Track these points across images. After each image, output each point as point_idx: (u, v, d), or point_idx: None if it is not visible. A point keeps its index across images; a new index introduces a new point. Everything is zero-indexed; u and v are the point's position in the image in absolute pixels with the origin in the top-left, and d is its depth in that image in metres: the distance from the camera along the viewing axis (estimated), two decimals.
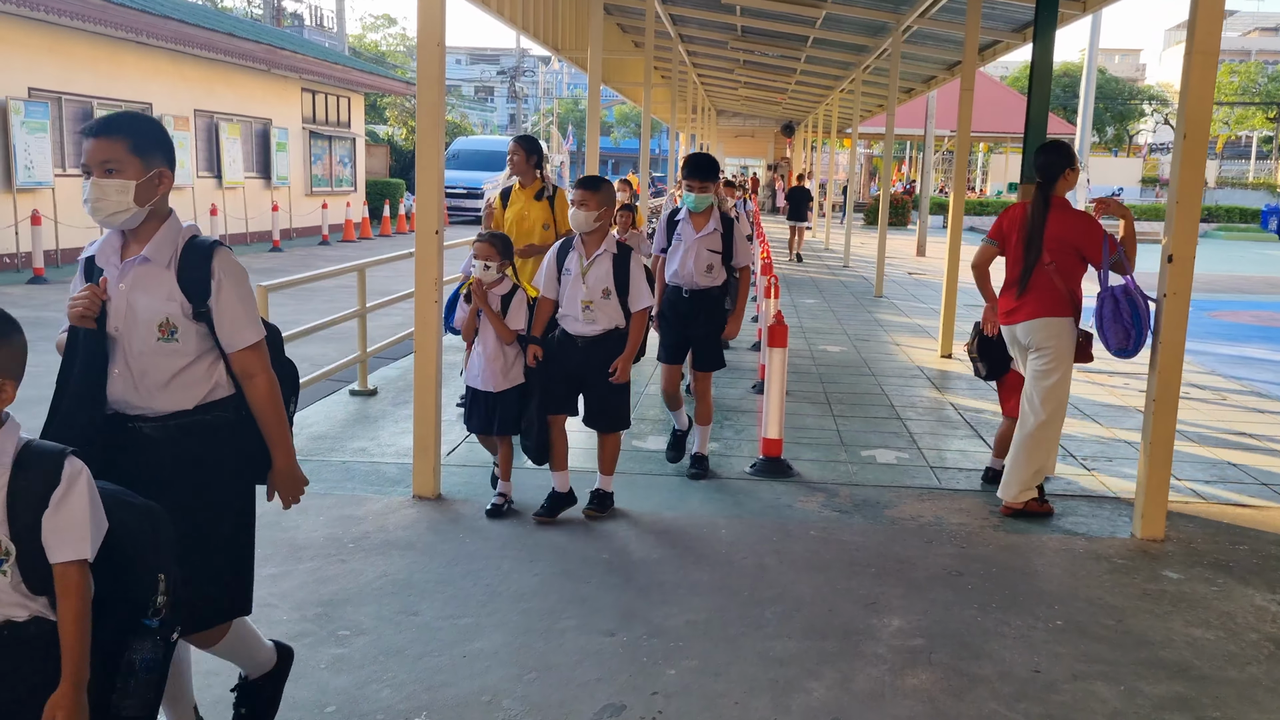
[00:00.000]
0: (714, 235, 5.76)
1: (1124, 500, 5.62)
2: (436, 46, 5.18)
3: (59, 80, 16.10)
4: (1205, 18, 4.57)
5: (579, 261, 4.94)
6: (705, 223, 5.75)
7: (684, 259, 5.74)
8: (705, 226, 5.74)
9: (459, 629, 3.85)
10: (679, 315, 5.83)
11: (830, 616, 4.04)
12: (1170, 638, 3.92)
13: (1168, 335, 4.83)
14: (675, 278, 5.80)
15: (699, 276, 5.72)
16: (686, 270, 5.72)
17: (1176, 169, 4.74)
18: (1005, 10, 12.55)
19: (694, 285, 5.74)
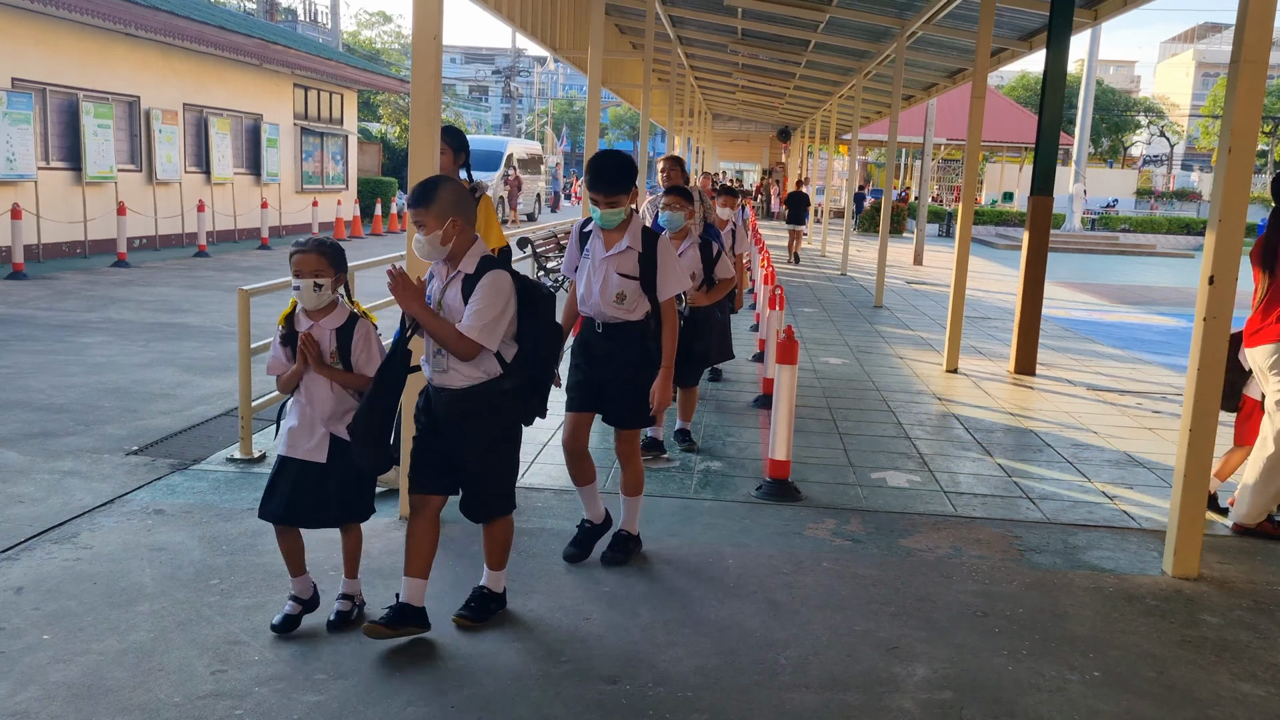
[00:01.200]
0: (627, 256, 4.38)
1: (1150, 532, 5.34)
2: (432, 40, 4.87)
3: (44, 71, 15.73)
4: (1255, 24, 4.29)
5: None
6: (618, 239, 4.40)
7: (589, 283, 4.44)
8: (617, 244, 4.40)
9: (447, 672, 3.53)
10: (590, 355, 4.53)
11: (850, 663, 3.74)
12: (1218, 694, 3.63)
13: (1206, 361, 4.54)
14: (584, 305, 4.54)
15: (607, 306, 4.39)
16: (592, 298, 4.43)
17: (1219, 184, 4.45)
18: (1012, 18, 12.32)
19: (604, 317, 4.44)
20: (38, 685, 3.31)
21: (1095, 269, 24.50)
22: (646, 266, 4.36)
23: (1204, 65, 75.54)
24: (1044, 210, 9.60)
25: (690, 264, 6.00)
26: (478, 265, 3.61)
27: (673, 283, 4.40)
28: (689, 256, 6.11)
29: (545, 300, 3.70)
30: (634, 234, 4.38)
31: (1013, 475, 6.31)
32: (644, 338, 4.43)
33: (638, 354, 4.42)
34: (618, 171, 4.27)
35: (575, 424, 4.52)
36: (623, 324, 4.40)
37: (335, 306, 3.79)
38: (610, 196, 4.26)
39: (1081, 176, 35.40)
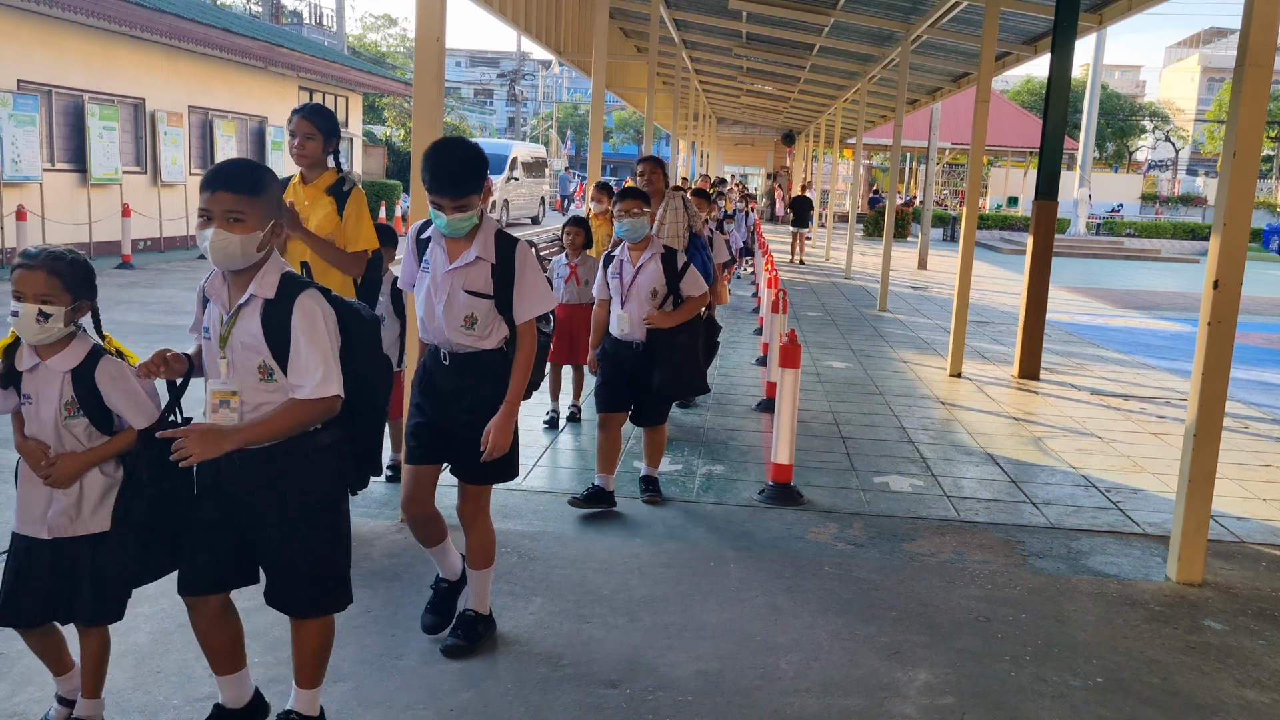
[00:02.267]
0: (476, 269, 3.47)
1: (1153, 537, 5.31)
2: (435, 43, 4.87)
3: (50, 73, 15.76)
4: (1260, 29, 4.27)
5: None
6: (464, 248, 3.49)
7: (429, 303, 3.53)
8: (463, 254, 3.48)
9: (447, 676, 3.52)
10: (434, 392, 3.61)
11: (851, 668, 3.72)
12: (1222, 700, 3.61)
13: (1211, 366, 4.52)
14: (425, 331, 3.61)
15: (453, 331, 3.49)
16: (435, 321, 3.53)
17: (1224, 189, 4.43)
18: (1017, 22, 12.31)
19: (451, 346, 3.53)
20: (36, 686, 3.30)
21: (1100, 273, 24.46)
22: (502, 282, 3.48)
23: (1209, 70, 75.45)
24: (1048, 215, 9.59)
25: (650, 279, 5.15)
26: (279, 288, 2.74)
27: (535, 301, 3.52)
28: (649, 270, 5.17)
29: (368, 326, 2.93)
30: (485, 242, 3.48)
31: (1016, 480, 6.29)
32: (501, 372, 3.54)
33: (492, 392, 3.52)
34: (464, 166, 3.38)
35: (416, 480, 3.63)
36: (474, 354, 3.52)
37: (70, 341, 2.88)
38: (459, 199, 3.37)
39: (1086, 181, 35.35)
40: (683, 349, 5.24)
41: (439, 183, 3.36)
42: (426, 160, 3.38)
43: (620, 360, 5.25)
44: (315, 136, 4.61)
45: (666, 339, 5.18)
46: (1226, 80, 62.61)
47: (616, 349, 5.25)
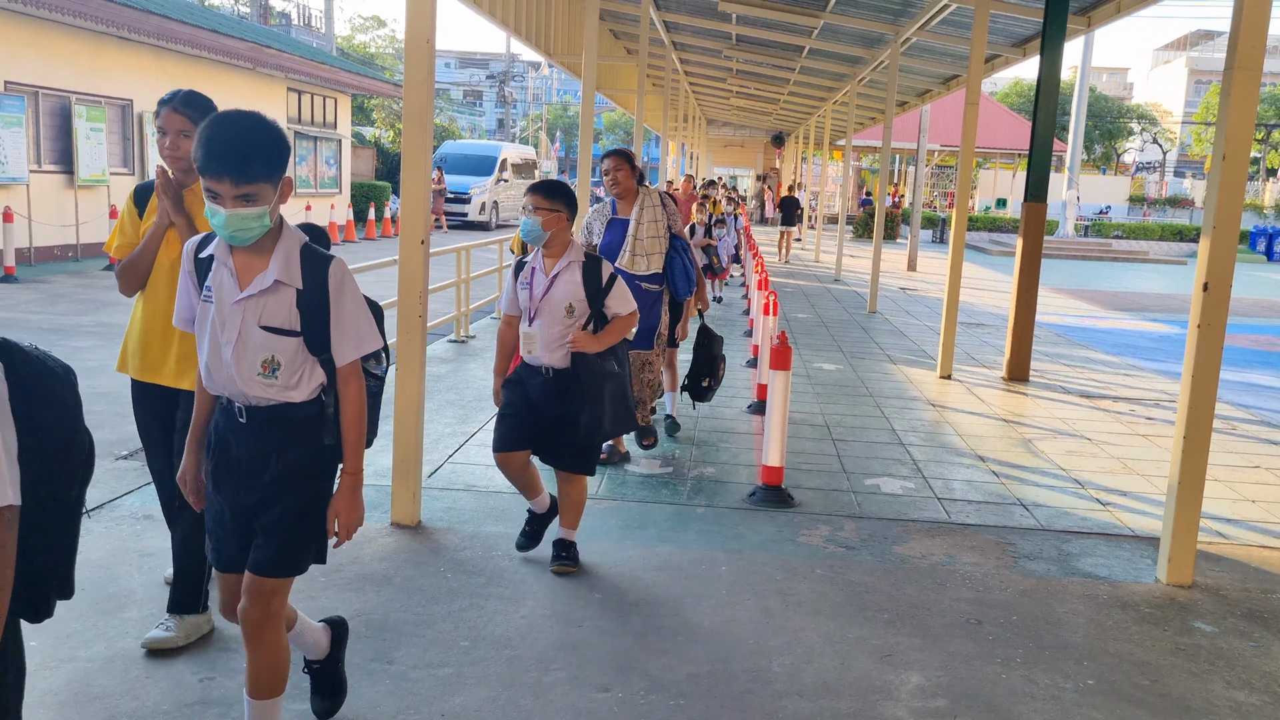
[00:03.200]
0: (278, 297, 2.66)
1: (1144, 539, 5.33)
2: (426, 44, 4.86)
3: (37, 74, 15.68)
4: (1249, 31, 4.29)
5: None
6: (258, 266, 2.68)
7: (214, 342, 2.70)
8: (258, 276, 2.67)
9: (438, 680, 3.50)
10: (229, 462, 2.78)
11: (843, 670, 3.72)
12: (1212, 702, 3.61)
13: (1200, 368, 4.53)
14: (211, 380, 2.76)
15: (247, 381, 2.68)
16: (224, 367, 2.70)
17: (1213, 191, 4.45)
18: (1006, 24, 12.35)
19: (247, 399, 2.72)
20: (27, 690, 3.26)
21: (1088, 275, 24.55)
22: (312, 312, 2.69)
23: (1196, 73, 75.79)
24: (1038, 216, 9.61)
25: (566, 292, 4.31)
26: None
27: (358, 337, 2.75)
28: (565, 282, 4.33)
29: (56, 380, 2.24)
30: (287, 259, 2.67)
31: (1006, 482, 6.30)
32: (313, 430, 2.76)
33: (303, 457, 2.75)
34: (252, 141, 2.55)
35: (227, 590, 2.89)
36: (278, 408, 2.72)
37: None
38: (243, 183, 2.52)
39: (1075, 183, 35.49)
40: (612, 379, 4.41)
41: (214, 158, 2.50)
42: (200, 133, 2.53)
43: (526, 389, 4.41)
44: (192, 132, 3.62)
45: (593, 367, 4.33)
46: (1214, 83, 62.94)
47: (524, 375, 4.43)
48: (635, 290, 5.88)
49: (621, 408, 4.49)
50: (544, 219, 4.27)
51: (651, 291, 6.17)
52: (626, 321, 4.45)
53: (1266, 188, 50.38)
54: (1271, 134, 55.75)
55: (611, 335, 4.39)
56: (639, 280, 6.09)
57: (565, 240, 4.35)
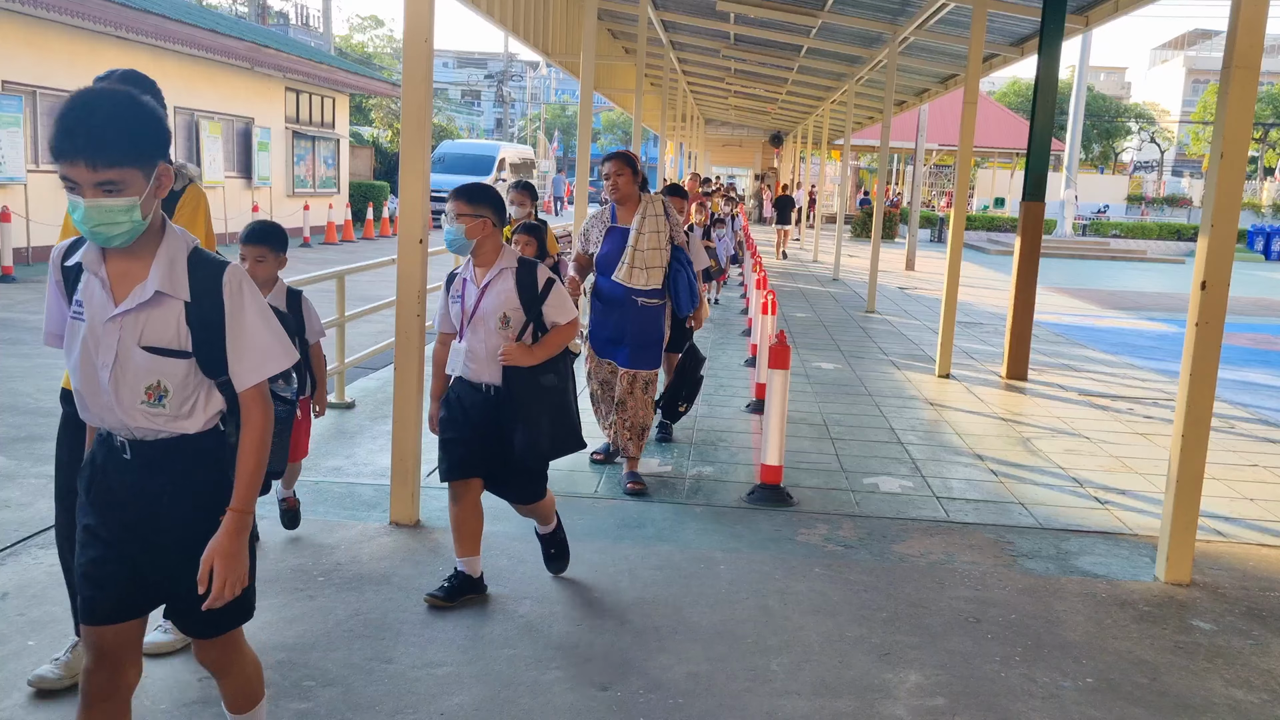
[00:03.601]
0: (162, 311, 2.29)
1: (1143, 538, 5.33)
2: (424, 43, 4.86)
3: (35, 74, 15.67)
4: (1247, 30, 4.29)
5: None
6: (137, 274, 2.29)
7: (87, 363, 2.31)
8: (138, 287, 2.28)
9: (436, 680, 3.50)
10: (109, 503, 2.38)
11: (841, 669, 3.72)
12: (1211, 700, 3.62)
13: (1199, 367, 4.53)
14: (86, 409, 2.37)
15: (128, 410, 2.30)
16: (101, 395, 2.31)
17: (1211, 190, 4.45)
18: (1004, 23, 12.36)
19: (130, 431, 2.32)
20: (21, 693, 3.27)
21: (1087, 274, 24.56)
22: (206, 328, 2.31)
23: (1194, 72, 75.87)
24: (1035, 216, 9.62)
25: (499, 302, 3.94)
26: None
27: (262, 355, 2.36)
28: (497, 291, 3.95)
29: None
30: (170, 265, 2.28)
31: (1005, 481, 6.30)
32: (212, 464, 2.39)
33: (202, 497, 2.37)
34: (115, 119, 2.15)
35: (99, 648, 2.37)
36: (167, 442, 2.33)
37: None
38: (102, 166, 2.13)
39: (1073, 182, 35.49)
40: (549, 395, 4.03)
41: (67, 137, 2.11)
42: (56, 111, 2.16)
43: (466, 409, 4.03)
44: None
45: (528, 382, 3.97)
46: (1211, 82, 62.94)
47: (461, 394, 4.05)
48: (631, 307, 5.61)
49: (563, 426, 4.09)
50: (467, 226, 3.88)
51: (650, 307, 5.67)
52: (566, 331, 4.04)
53: (1265, 187, 50.41)
54: (1269, 133, 55.78)
55: (548, 346, 4.00)
56: (637, 295, 5.61)
57: (495, 246, 3.98)
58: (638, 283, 5.58)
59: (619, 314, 5.64)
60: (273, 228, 4.31)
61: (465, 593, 4.11)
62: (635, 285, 5.59)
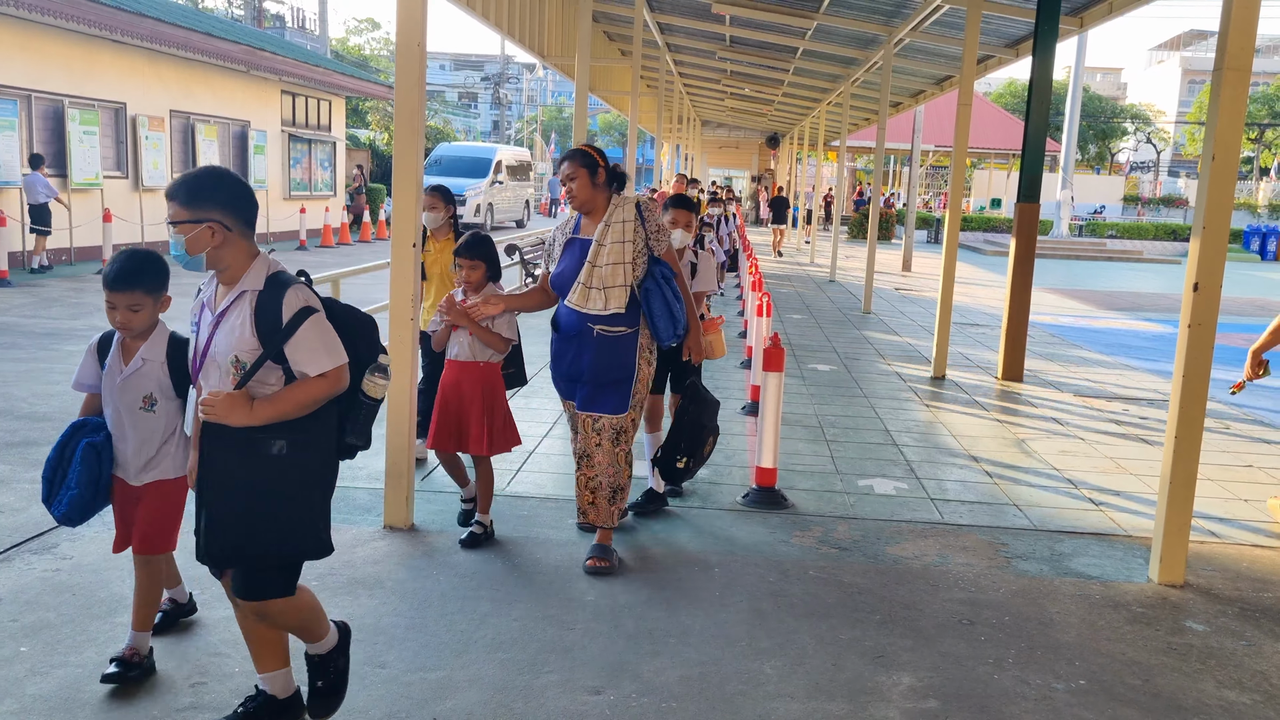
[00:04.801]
0: None
1: (1137, 539, 5.33)
2: (416, 48, 4.86)
3: (29, 78, 15.65)
4: (1238, 32, 4.30)
5: None
6: None
7: None
8: None
9: (430, 684, 3.50)
10: None
11: (835, 671, 3.72)
12: (1204, 702, 3.62)
13: (1191, 368, 4.54)
14: None
15: None
16: None
17: (1203, 192, 4.46)
18: (999, 25, 12.37)
19: None
20: (14, 699, 3.27)
21: (1083, 275, 24.58)
22: None
23: (1190, 72, 75.92)
24: (1030, 217, 9.63)
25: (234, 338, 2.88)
26: None
27: None
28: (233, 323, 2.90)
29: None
30: None
31: (1000, 482, 6.31)
32: None
33: None
34: None
35: None
36: None
37: None
38: None
39: (1069, 183, 35.52)
40: (267, 469, 2.88)
41: None
42: None
43: None
44: None
45: (235, 448, 2.88)
46: (1207, 82, 63.00)
47: None
48: (587, 337, 4.52)
49: (276, 518, 2.90)
50: (187, 237, 2.83)
51: (611, 338, 4.53)
52: (313, 387, 2.87)
53: (1260, 187, 50.45)
54: (1264, 133, 55.84)
55: (280, 403, 2.84)
56: (594, 322, 4.51)
57: (238, 260, 2.91)
58: (594, 307, 4.46)
59: (576, 347, 4.58)
60: (143, 264, 3.38)
61: None
62: (591, 310, 4.47)
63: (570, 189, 4.56)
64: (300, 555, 2.98)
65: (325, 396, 2.90)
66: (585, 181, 4.55)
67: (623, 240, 4.52)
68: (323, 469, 3.01)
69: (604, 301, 4.47)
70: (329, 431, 2.99)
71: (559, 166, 4.66)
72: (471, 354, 4.82)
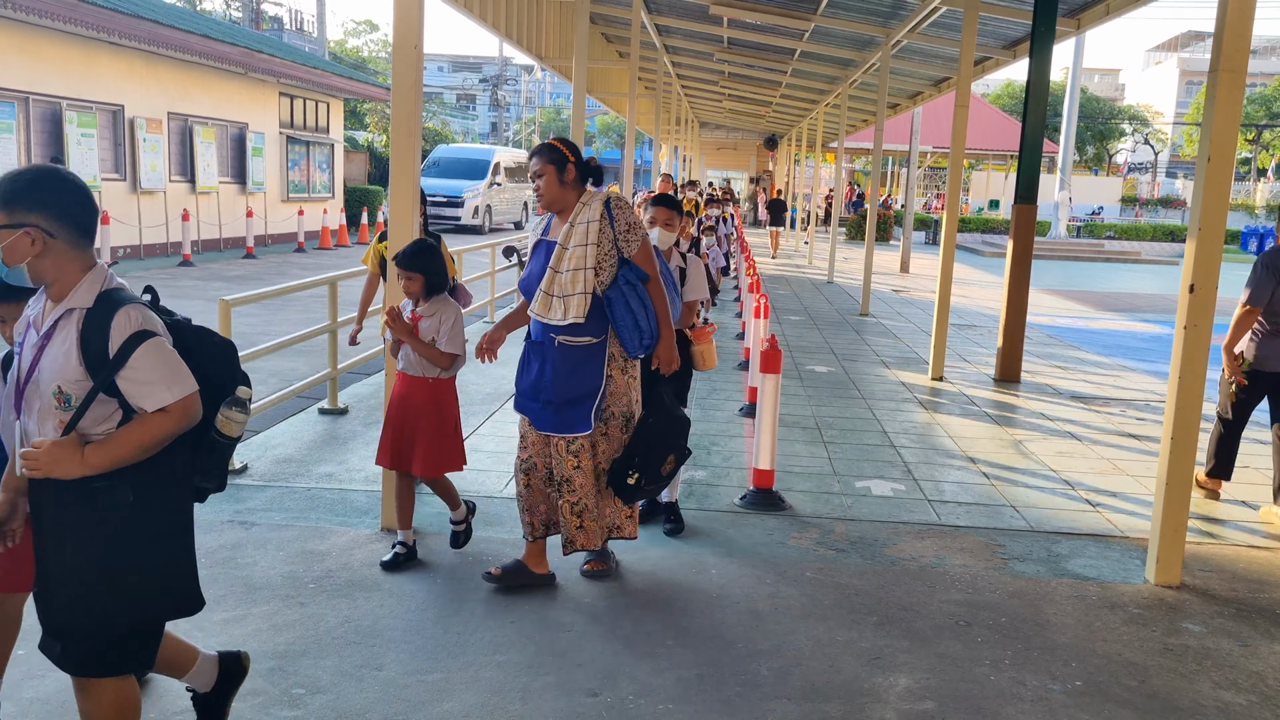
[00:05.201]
0: None
1: (1133, 540, 5.34)
2: (413, 50, 4.86)
3: (27, 80, 15.65)
4: (1233, 34, 4.31)
5: None
6: None
7: None
8: None
9: (427, 686, 3.50)
10: None
11: (831, 673, 3.72)
12: (1199, 702, 3.63)
13: (1187, 369, 4.55)
14: None
15: None
16: None
17: (1199, 193, 4.47)
18: (996, 26, 12.38)
19: None
20: (12, 702, 3.27)
21: (1080, 276, 24.61)
22: None
23: (1188, 73, 76.01)
24: (1028, 218, 9.64)
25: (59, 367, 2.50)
26: None
27: None
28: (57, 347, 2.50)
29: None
30: None
31: (997, 484, 6.32)
32: None
33: None
34: None
35: None
36: None
37: None
38: None
39: (1067, 184, 35.55)
40: (117, 523, 2.53)
41: None
42: None
43: None
44: None
45: (79, 501, 2.51)
46: (1204, 84, 63.07)
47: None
48: (549, 348, 4.19)
49: (100, 591, 2.52)
50: (3, 244, 2.45)
51: (572, 349, 4.17)
52: (153, 425, 2.48)
53: (1258, 188, 50.51)
54: (1262, 134, 55.91)
55: (114, 448, 2.46)
56: (555, 332, 4.18)
57: (66, 273, 2.50)
58: (553, 316, 4.14)
59: (539, 358, 4.24)
60: None
61: None
62: (552, 319, 4.15)
63: (538, 187, 4.23)
64: (163, 616, 2.67)
65: (170, 435, 2.49)
66: (553, 179, 4.19)
67: (586, 243, 4.14)
68: (179, 513, 2.65)
69: (564, 309, 4.12)
70: (182, 468, 2.62)
71: (529, 160, 4.30)
72: (420, 369, 4.50)
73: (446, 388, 4.57)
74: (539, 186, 4.21)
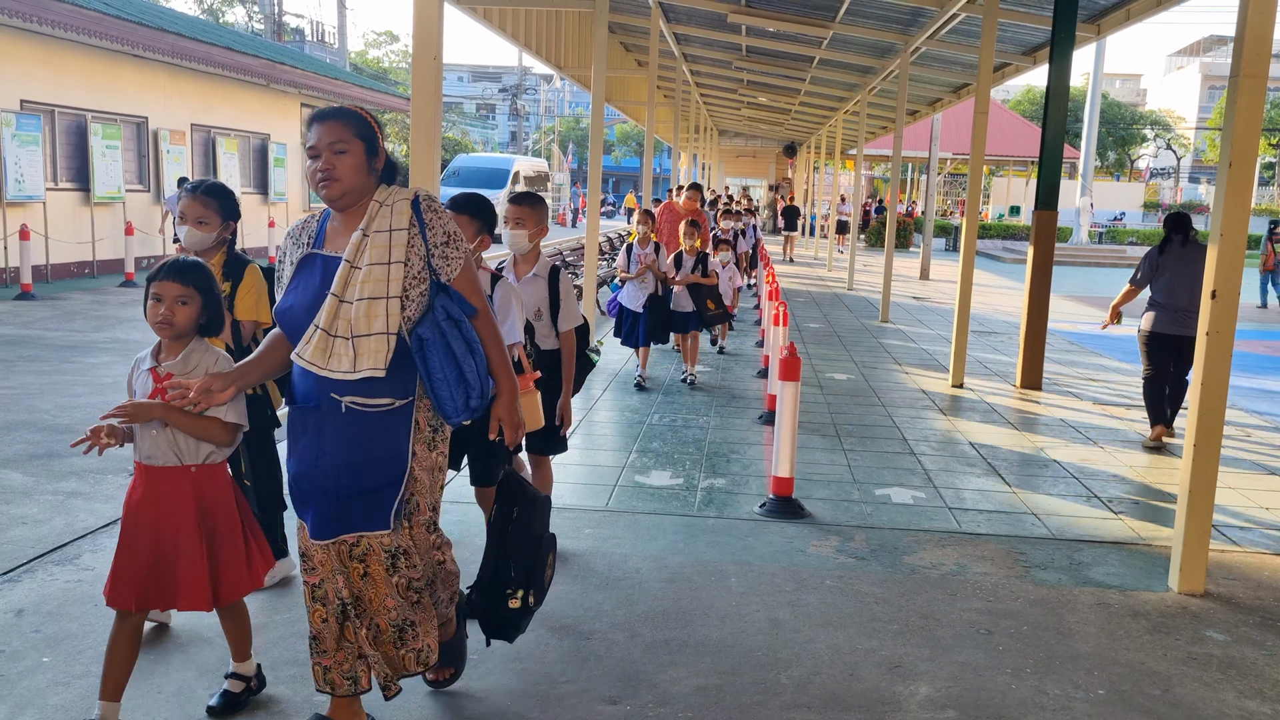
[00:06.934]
0: None
1: (1156, 548, 5.30)
2: (433, 60, 4.90)
3: (52, 93, 15.85)
4: (1254, 39, 4.29)
5: None
6: None
7: None
8: None
9: (447, 694, 3.51)
10: None
11: (851, 682, 3.71)
12: (1223, 711, 3.59)
13: (1210, 376, 4.52)
14: None
15: None
16: None
17: (1220, 199, 4.44)
18: (1015, 33, 12.36)
19: None
20: (36, 709, 3.30)
21: (1102, 282, 24.45)
22: None
23: (1210, 78, 75.50)
24: (1048, 225, 9.60)
25: None
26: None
27: None
28: None
29: None
30: None
31: (1018, 491, 6.28)
32: None
33: None
34: None
35: None
36: None
37: None
38: None
39: (1088, 190, 35.40)
40: None
41: None
42: None
43: None
44: None
45: None
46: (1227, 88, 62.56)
47: None
48: (333, 415, 2.89)
49: None
50: None
51: (371, 416, 2.90)
52: None
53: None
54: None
55: None
56: (342, 392, 2.88)
57: None
58: (339, 367, 2.83)
59: (315, 429, 2.93)
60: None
61: None
62: (338, 373, 2.84)
63: (329, 168, 2.92)
64: None
65: None
66: (359, 160, 2.97)
67: (388, 260, 2.88)
68: None
69: (353, 359, 2.82)
70: None
71: (309, 129, 3.02)
72: (175, 455, 3.10)
73: (218, 474, 3.19)
74: (330, 167, 2.91)
